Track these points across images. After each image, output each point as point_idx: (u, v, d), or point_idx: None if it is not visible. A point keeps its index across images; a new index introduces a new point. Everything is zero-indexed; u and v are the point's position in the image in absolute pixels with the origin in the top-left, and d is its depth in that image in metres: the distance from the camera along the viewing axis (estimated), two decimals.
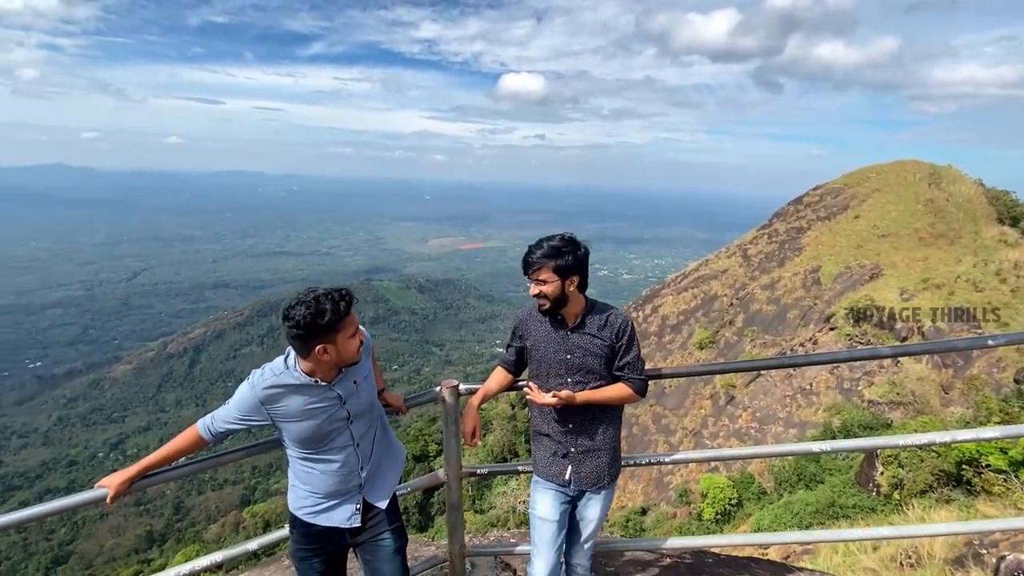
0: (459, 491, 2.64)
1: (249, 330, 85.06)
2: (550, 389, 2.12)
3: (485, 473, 2.88)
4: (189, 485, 47.65)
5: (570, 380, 2.12)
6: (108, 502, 1.79)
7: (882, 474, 10.52)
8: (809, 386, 20.83)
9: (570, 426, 2.15)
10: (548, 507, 2.19)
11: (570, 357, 2.11)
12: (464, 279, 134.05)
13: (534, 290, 2.08)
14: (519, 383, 2.36)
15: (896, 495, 9.75)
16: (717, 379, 25.16)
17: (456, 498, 2.63)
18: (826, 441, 4.17)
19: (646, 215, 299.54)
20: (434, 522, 26.48)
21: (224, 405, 1.88)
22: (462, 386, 2.48)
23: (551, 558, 2.18)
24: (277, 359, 1.87)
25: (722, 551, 3.26)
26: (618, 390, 2.12)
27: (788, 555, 7.14)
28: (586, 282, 2.13)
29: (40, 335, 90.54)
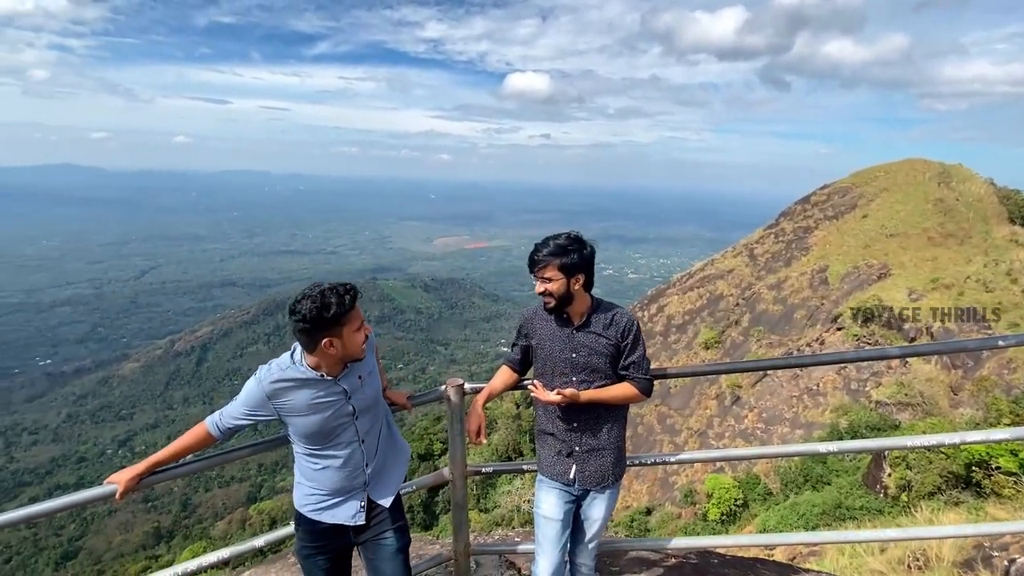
0: (464, 490, 2.64)
1: (256, 328, 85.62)
2: (555, 388, 2.11)
3: (490, 472, 2.88)
4: (196, 482, 48.07)
5: (575, 379, 2.11)
6: (117, 498, 1.81)
7: (890, 476, 10.43)
8: (816, 387, 20.69)
9: (575, 425, 2.15)
10: (552, 506, 2.19)
11: (575, 356, 2.11)
12: (469, 278, 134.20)
13: (539, 288, 2.08)
14: (524, 382, 2.36)
15: (904, 497, 9.67)
16: (723, 379, 25.05)
17: (461, 497, 2.63)
18: (833, 442, 4.14)
19: (652, 214, 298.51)
20: (439, 520, 26.55)
21: (232, 402, 1.90)
22: (467, 385, 2.48)
23: (555, 557, 2.18)
24: (284, 354, 1.90)
25: (727, 552, 3.25)
26: (623, 389, 2.11)
27: (794, 556, 7.10)
28: (592, 281, 2.12)
29: (50, 333, 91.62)
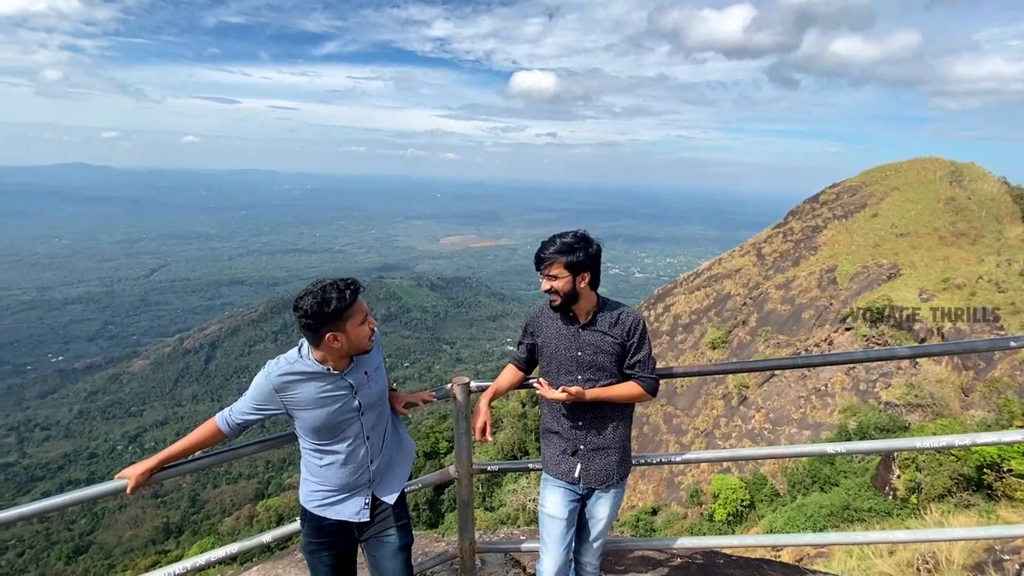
0: (470, 488, 2.65)
1: (263, 326, 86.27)
2: (560, 386, 2.11)
3: (495, 470, 2.89)
4: (205, 479, 48.56)
5: (580, 377, 2.11)
6: (128, 492, 1.83)
7: (899, 477, 10.34)
8: (824, 387, 20.53)
9: (580, 423, 2.15)
10: (557, 505, 2.19)
11: (581, 354, 2.11)
12: (475, 277, 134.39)
13: (545, 285, 2.08)
14: (530, 380, 2.36)
15: (913, 499, 9.58)
16: (730, 379, 24.92)
17: (467, 494, 2.64)
18: (841, 443, 4.11)
19: (658, 213, 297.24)
20: (444, 518, 26.64)
21: (241, 398, 1.92)
22: (473, 383, 2.49)
23: (559, 556, 2.18)
24: (292, 349, 1.92)
25: (733, 552, 3.24)
26: (628, 388, 2.10)
27: (801, 558, 7.06)
28: (598, 279, 2.12)
29: (62, 330, 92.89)
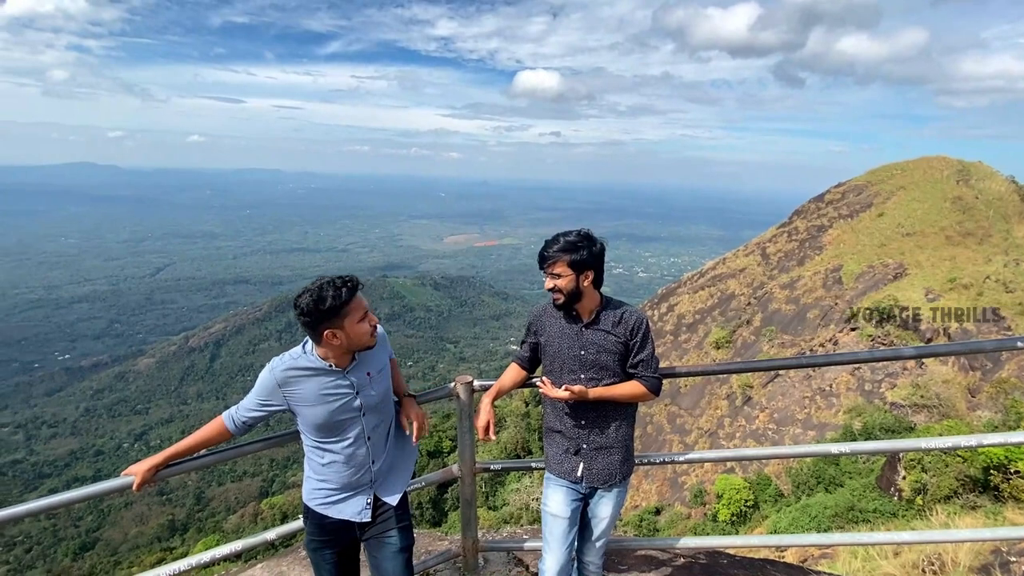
0: (473, 486, 2.65)
1: (267, 325, 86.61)
2: (563, 384, 2.11)
3: (498, 469, 2.89)
4: (210, 477, 48.86)
5: (583, 376, 2.11)
6: (135, 489, 1.85)
7: (904, 478, 10.27)
8: (829, 387, 20.43)
9: (582, 422, 2.15)
10: (559, 504, 2.19)
11: (584, 353, 2.11)
12: (479, 276, 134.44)
13: (549, 284, 2.08)
14: (533, 379, 2.36)
15: (919, 500, 9.52)
16: (734, 379, 24.85)
17: (470, 493, 2.65)
18: (846, 443, 4.09)
19: (662, 213, 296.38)
20: (448, 517, 26.69)
21: (246, 396, 1.95)
22: (476, 382, 2.49)
23: (562, 555, 2.18)
24: (296, 347, 1.95)
25: (737, 552, 3.23)
26: (631, 387, 2.10)
27: (805, 558, 7.03)
28: (601, 278, 2.12)
29: (68, 328, 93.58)
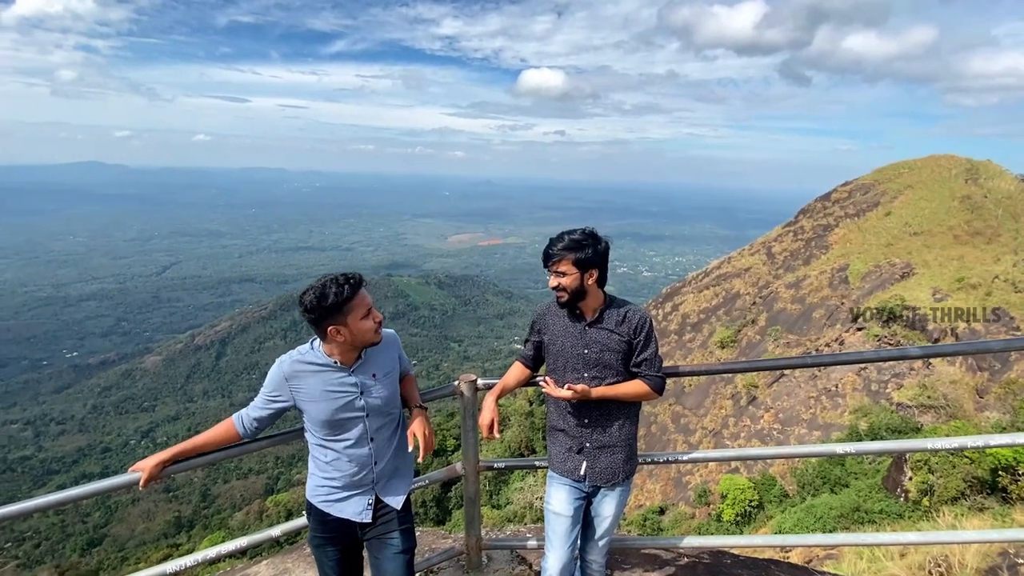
0: (476, 484, 2.66)
1: (273, 324, 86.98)
2: (566, 383, 2.11)
3: (502, 467, 2.90)
4: (215, 474, 49.18)
5: (586, 375, 2.11)
6: (141, 486, 1.86)
7: (911, 479, 10.21)
8: (835, 387, 20.31)
9: (586, 421, 2.15)
10: (562, 502, 2.19)
11: (587, 352, 2.11)
12: (483, 275, 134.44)
13: (553, 282, 2.08)
14: (536, 378, 2.36)
15: (925, 501, 9.46)
16: (738, 379, 24.73)
17: (473, 491, 2.65)
18: (851, 443, 4.07)
19: (667, 212, 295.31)
20: (451, 515, 26.75)
21: (255, 398, 1.98)
22: (480, 381, 2.50)
23: (564, 553, 2.18)
24: (305, 344, 1.99)
25: (741, 552, 3.22)
26: (635, 387, 2.10)
27: (810, 559, 7.00)
28: (606, 277, 2.12)
29: (76, 326, 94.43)
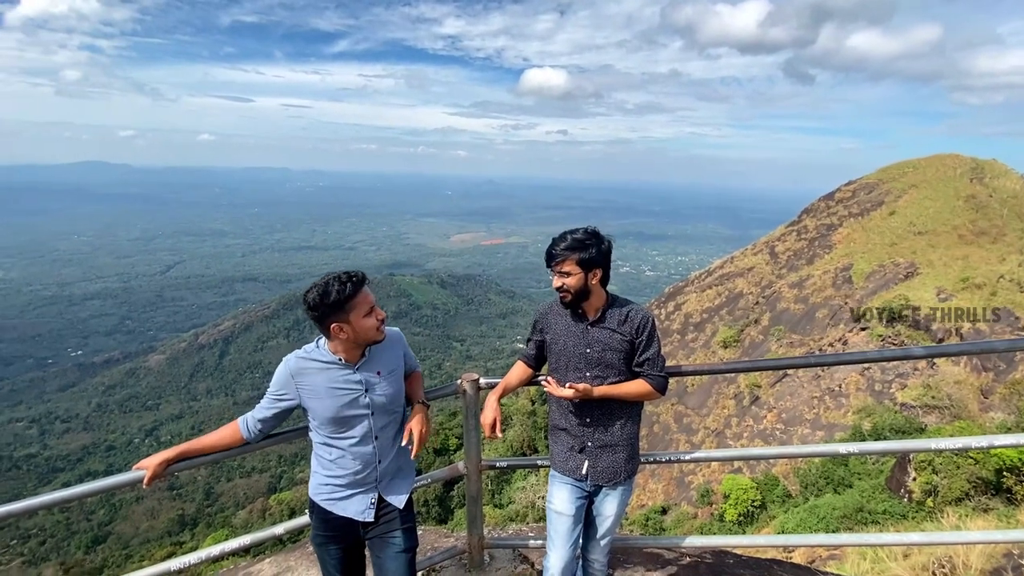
0: (479, 483, 2.66)
1: (276, 323, 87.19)
2: (568, 383, 2.11)
3: (504, 466, 2.90)
4: (219, 472, 49.41)
5: (588, 374, 2.11)
6: (145, 484, 1.87)
7: (915, 480, 10.17)
8: (838, 387, 20.25)
9: (588, 420, 2.15)
10: (564, 501, 2.19)
11: (589, 351, 2.11)
12: (485, 275, 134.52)
13: (556, 282, 2.08)
14: (539, 377, 2.36)
15: (929, 502, 9.43)
16: (741, 379, 24.68)
17: (476, 490, 2.66)
18: (855, 443, 4.05)
19: (670, 211, 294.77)
20: (454, 515, 26.80)
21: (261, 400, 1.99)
22: (482, 380, 2.50)
23: (565, 552, 2.18)
24: (310, 343, 2.01)
25: (744, 552, 3.21)
26: (637, 386, 2.10)
27: (813, 560, 6.98)
28: (608, 276, 2.11)
29: (81, 325, 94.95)
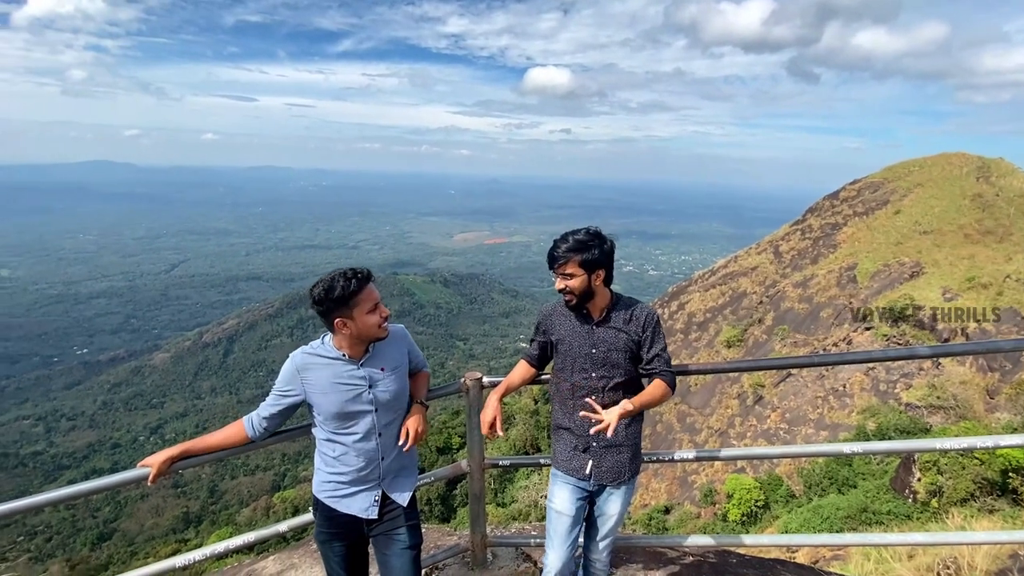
0: (482, 481, 2.67)
1: (279, 321, 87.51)
2: (574, 383, 2.12)
3: (507, 465, 2.91)
4: (223, 470, 49.68)
5: (594, 375, 2.11)
6: (150, 481, 1.88)
7: (919, 480, 10.12)
8: (842, 387, 20.17)
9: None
10: (565, 501, 2.19)
11: (595, 351, 2.10)
12: (488, 274, 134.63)
13: (560, 284, 2.07)
14: (542, 376, 2.37)
15: (934, 503, 9.38)
16: (745, 378, 24.62)
17: (479, 488, 2.66)
18: (859, 443, 4.03)
19: (673, 210, 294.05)
20: (456, 513, 26.86)
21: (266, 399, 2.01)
22: (485, 378, 2.50)
23: (564, 552, 2.18)
24: (316, 340, 2.04)
25: (747, 552, 3.20)
26: (657, 388, 2.09)
27: (817, 560, 6.96)
28: (612, 276, 2.11)
29: (86, 323, 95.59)
